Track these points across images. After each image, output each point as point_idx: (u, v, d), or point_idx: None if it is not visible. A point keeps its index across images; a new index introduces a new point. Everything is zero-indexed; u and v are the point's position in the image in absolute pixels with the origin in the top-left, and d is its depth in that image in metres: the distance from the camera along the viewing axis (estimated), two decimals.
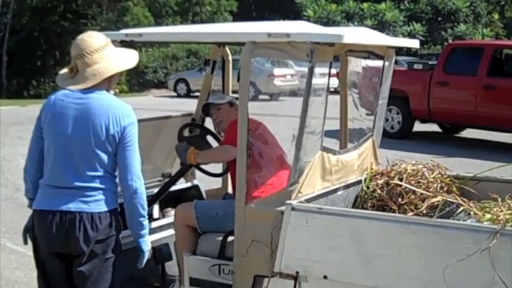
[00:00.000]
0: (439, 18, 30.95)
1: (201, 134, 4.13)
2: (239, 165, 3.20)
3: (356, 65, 4.14)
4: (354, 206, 3.71)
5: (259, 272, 3.14)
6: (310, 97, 3.08)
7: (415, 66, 12.26)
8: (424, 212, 3.45)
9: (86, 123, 2.86)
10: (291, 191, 3.12)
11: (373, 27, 31.00)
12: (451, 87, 11.27)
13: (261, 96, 20.44)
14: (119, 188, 3.02)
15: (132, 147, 2.92)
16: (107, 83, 2.97)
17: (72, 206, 2.85)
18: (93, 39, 2.94)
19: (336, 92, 3.91)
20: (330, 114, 3.32)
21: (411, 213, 3.32)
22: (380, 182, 3.73)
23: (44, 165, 2.96)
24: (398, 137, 11.77)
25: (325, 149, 3.34)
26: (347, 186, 3.65)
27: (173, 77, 24.71)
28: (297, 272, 3.00)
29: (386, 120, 12.17)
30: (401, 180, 3.67)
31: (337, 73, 4.02)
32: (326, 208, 3.00)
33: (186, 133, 4.13)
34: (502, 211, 3.08)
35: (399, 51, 29.41)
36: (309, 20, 28.96)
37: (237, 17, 30.60)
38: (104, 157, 2.89)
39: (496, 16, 31.86)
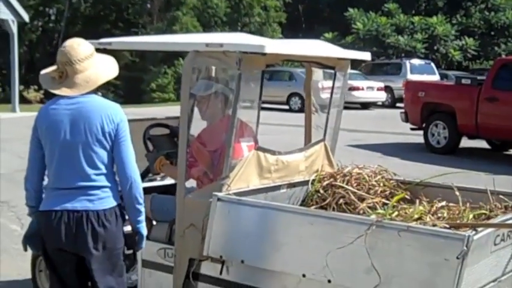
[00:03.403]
0: (492, 33, 30.56)
1: (169, 135, 4.51)
2: (179, 162, 3.59)
3: (318, 75, 4.49)
4: (301, 204, 4.04)
5: (193, 255, 3.53)
6: (239, 102, 3.44)
7: (463, 81, 11.87)
8: (361, 212, 3.76)
9: (81, 126, 3.05)
10: (221, 184, 3.48)
11: (423, 41, 30.11)
12: (499, 103, 10.87)
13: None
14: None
15: (126, 142, 3.12)
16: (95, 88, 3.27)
17: (78, 205, 3.04)
18: (82, 48, 3.20)
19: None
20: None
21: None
22: (325, 183, 4.05)
23: (48, 171, 3.13)
24: (444, 152, 11.50)
25: (259, 149, 3.69)
26: (292, 185, 3.98)
27: None
28: (221, 256, 3.38)
29: (432, 135, 11.92)
30: (345, 182, 3.99)
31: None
32: (244, 200, 3.36)
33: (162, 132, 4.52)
34: (411, 209, 3.36)
35: (450, 65, 29.02)
36: (358, 33, 28.99)
37: (286, 28, 30.84)
38: (103, 154, 3.08)
39: None
